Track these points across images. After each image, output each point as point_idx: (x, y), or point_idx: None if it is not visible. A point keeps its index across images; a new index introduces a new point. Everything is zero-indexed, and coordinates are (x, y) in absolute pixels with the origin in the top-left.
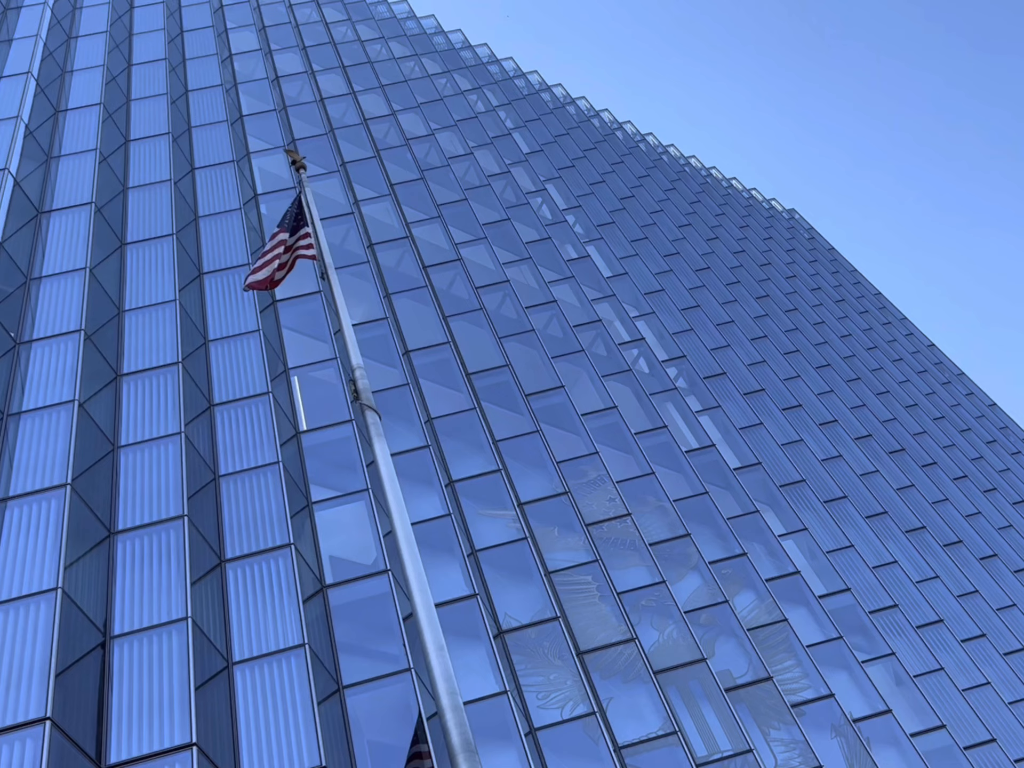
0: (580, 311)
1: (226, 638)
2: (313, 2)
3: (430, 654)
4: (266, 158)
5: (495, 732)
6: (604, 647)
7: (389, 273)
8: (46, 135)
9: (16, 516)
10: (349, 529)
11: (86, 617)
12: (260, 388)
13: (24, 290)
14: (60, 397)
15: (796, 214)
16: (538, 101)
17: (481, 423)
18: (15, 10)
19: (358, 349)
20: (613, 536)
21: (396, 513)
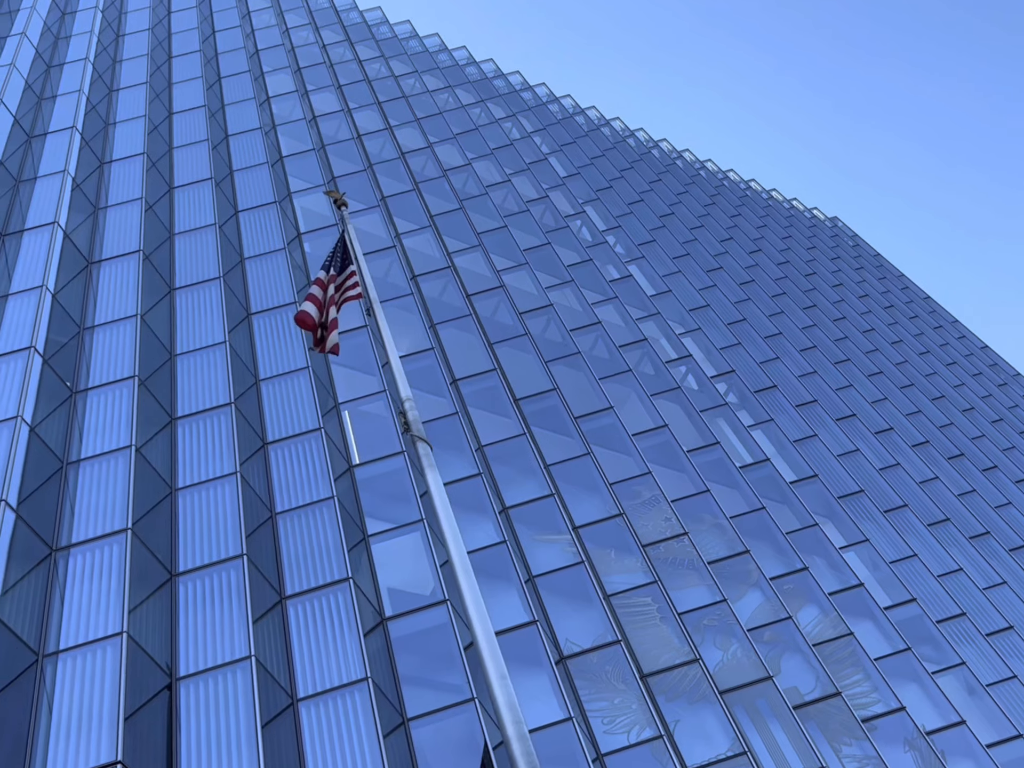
0: (625, 331)
1: (290, 675)
2: (346, 41)
3: (493, 683)
4: (307, 197)
5: (562, 760)
6: (668, 669)
7: (433, 304)
8: (93, 187)
9: (80, 563)
10: (406, 560)
11: (152, 660)
12: (312, 424)
13: (78, 340)
14: (117, 443)
15: (839, 222)
16: (572, 125)
17: (532, 448)
18: (58, 67)
19: (406, 380)
20: (671, 556)
21: (452, 542)
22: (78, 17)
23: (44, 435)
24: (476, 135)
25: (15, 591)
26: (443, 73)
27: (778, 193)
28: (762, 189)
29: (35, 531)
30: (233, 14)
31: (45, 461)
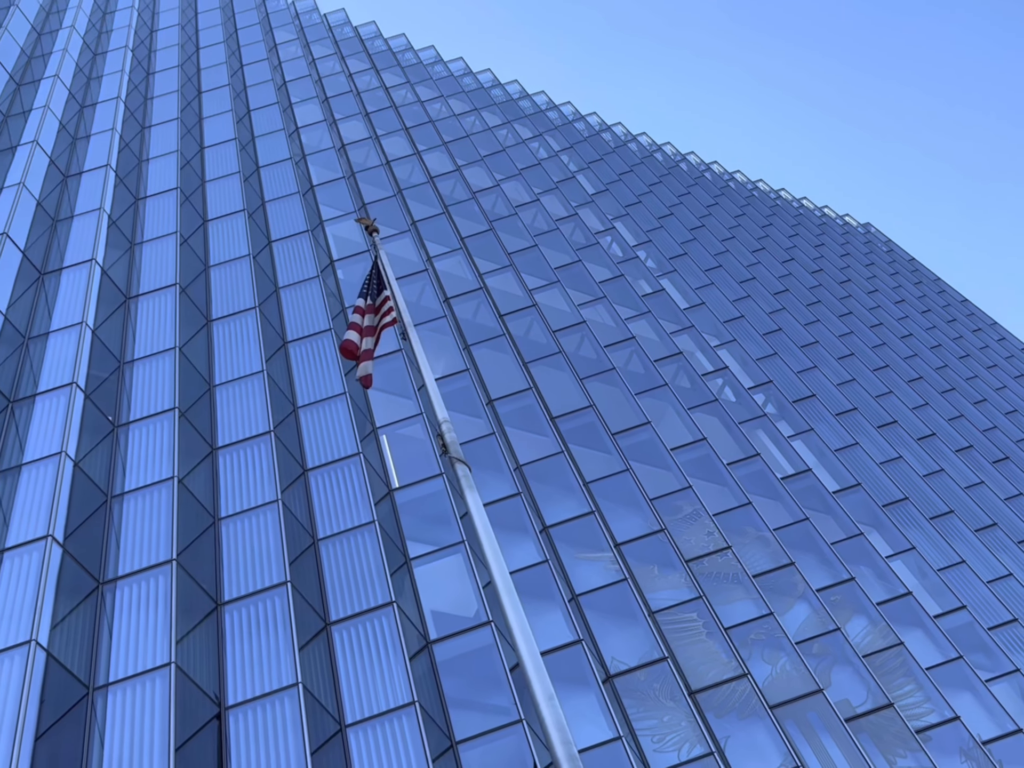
0: (660, 345)
1: (337, 701)
2: (372, 69)
3: (540, 704)
4: (339, 224)
5: None
6: (716, 685)
7: (466, 325)
8: (128, 223)
9: (127, 595)
10: (448, 583)
11: (200, 690)
12: (350, 449)
13: (118, 374)
14: (160, 475)
15: (872, 227)
16: (599, 142)
17: (570, 466)
18: (91, 107)
19: (442, 402)
20: (715, 570)
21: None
22: (109, 57)
23: (88, 469)
24: (503, 156)
25: (64, 625)
26: (468, 96)
27: (809, 201)
28: (792, 198)
29: (82, 565)
30: (260, 47)
31: (90, 495)
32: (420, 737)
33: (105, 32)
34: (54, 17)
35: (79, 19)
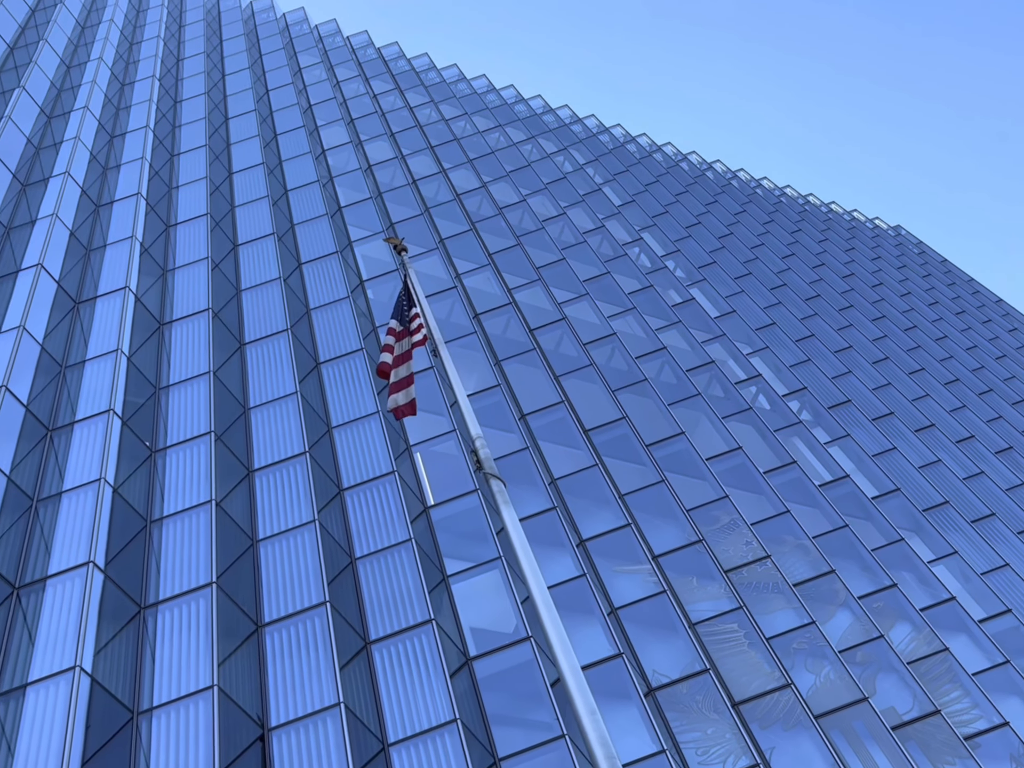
0: (691, 355)
1: (379, 720)
2: (396, 90)
3: (583, 719)
4: (367, 244)
5: None
6: (760, 695)
7: (497, 340)
8: (160, 250)
9: (168, 619)
10: (487, 599)
11: (243, 712)
12: (385, 468)
13: (154, 400)
14: (198, 499)
15: (902, 230)
16: (624, 153)
17: (605, 479)
18: (120, 137)
19: (475, 418)
20: (754, 580)
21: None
22: (136, 87)
23: (127, 495)
24: (529, 171)
25: (107, 650)
26: (492, 113)
27: (837, 205)
28: (820, 203)
29: (123, 590)
30: (285, 72)
31: (129, 520)
32: (463, 754)
33: (132, 63)
34: (82, 50)
35: (107, 51)
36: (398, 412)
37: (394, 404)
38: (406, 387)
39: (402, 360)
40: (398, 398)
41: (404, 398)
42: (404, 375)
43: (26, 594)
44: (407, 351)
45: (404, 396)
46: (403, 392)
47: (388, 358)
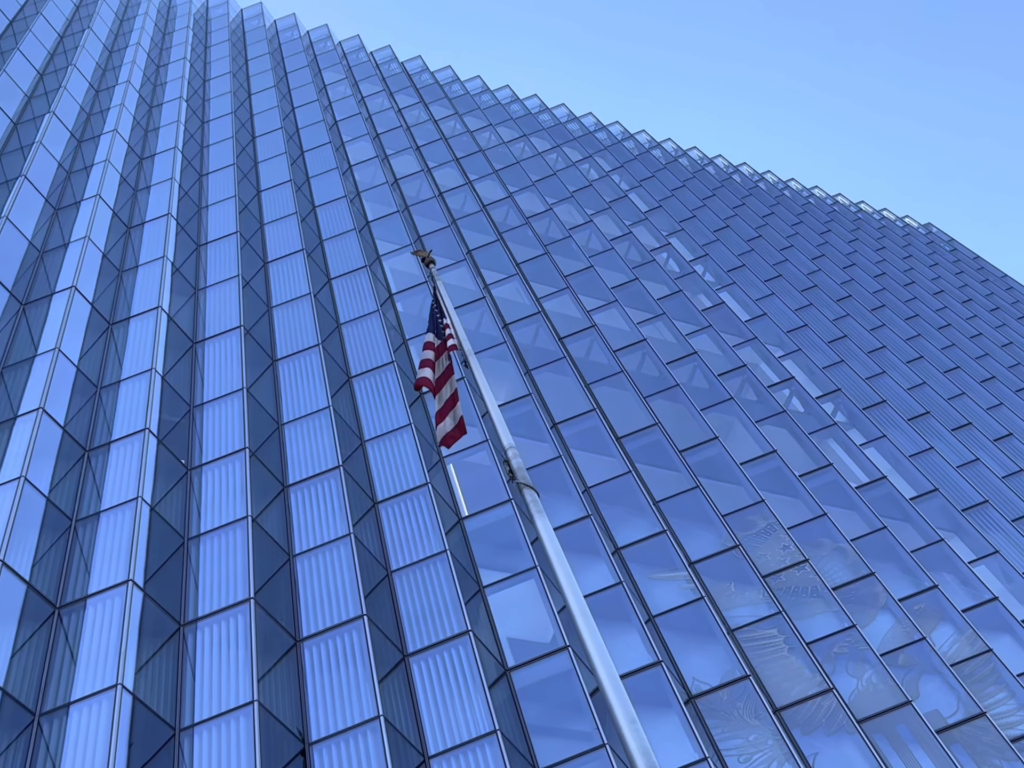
0: (723, 359)
1: (419, 732)
2: (420, 103)
3: (623, 728)
4: (396, 258)
5: None
6: (801, 701)
7: (527, 350)
8: (191, 269)
9: (207, 635)
10: (523, 609)
11: (284, 727)
12: (419, 480)
13: (189, 418)
14: (234, 515)
15: (933, 227)
16: (649, 159)
17: (639, 486)
18: (149, 159)
19: (507, 428)
20: (793, 585)
21: (567, 588)
22: (164, 109)
23: (164, 513)
24: (555, 180)
25: (148, 668)
26: (517, 123)
27: (867, 205)
28: (849, 203)
29: (162, 608)
30: (310, 89)
31: (167, 538)
32: (504, 765)
33: (160, 84)
34: (110, 73)
35: (134, 74)
36: (449, 439)
37: (443, 432)
38: (452, 408)
39: (444, 379)
40: (446, 425)
41: (452, 421)
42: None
43: (67, 613)
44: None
45: (452, 419)
46: (450, 416)
47: (429, 374)
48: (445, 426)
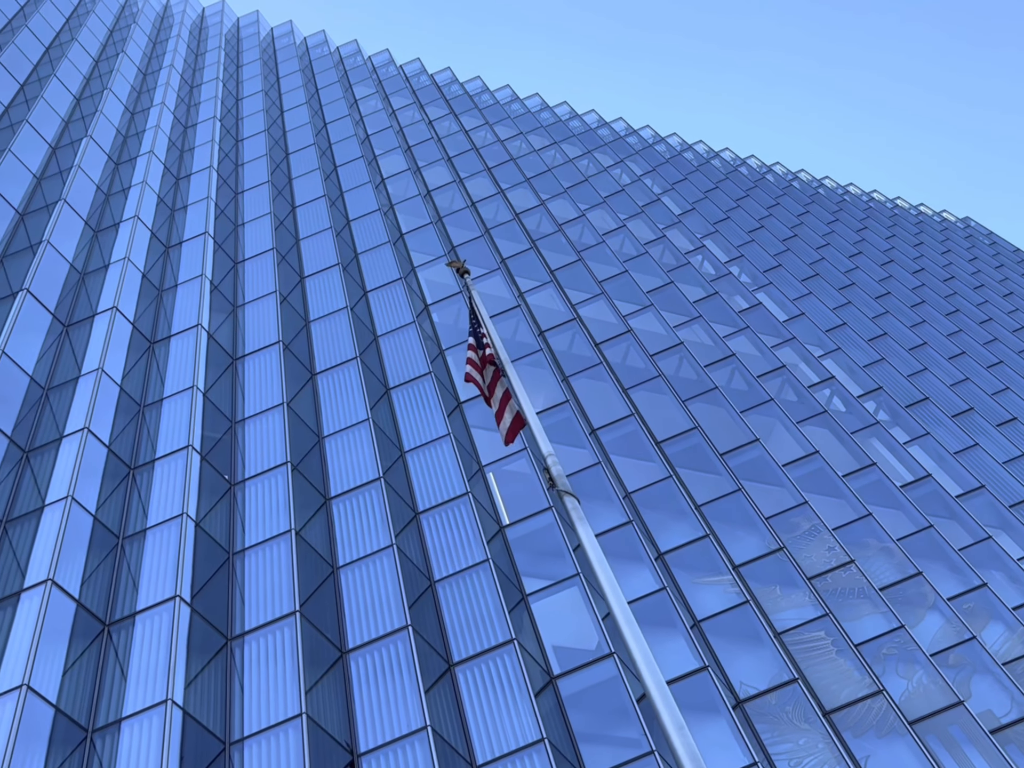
0: (761, 360)
1: (466, 741)
2: (451, 114)
3: (671, 735)
4: (430, 269)
5: None
6: (851, 703)
7: (563, 356)
8: (229, 286)
9: (254, 649)
10: (567, 616)
11: (332, 738)
12: (459, 490)
13: (231, 433)
14: (278, 529)
15: (971, 221)
16: (681, 162)
17: (680, 490)
18: (186, 178)
19: (545, 436)
20: (839, 586)
21: (611, 594)
22: (199, 129)
23: (209, 528)
24: (586, 186)
25: (197, 682)
26: (547, 131)
27: (903, 200)
28: (885, 199)
29: (210, 622)
30: (341, 104)
31: (212, 553)
32: None
33: (194, 105)
34: (145, 96)
35: (168, 95)
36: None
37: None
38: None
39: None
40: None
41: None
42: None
43: (116, 630)
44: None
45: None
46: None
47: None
48: (505, 423)
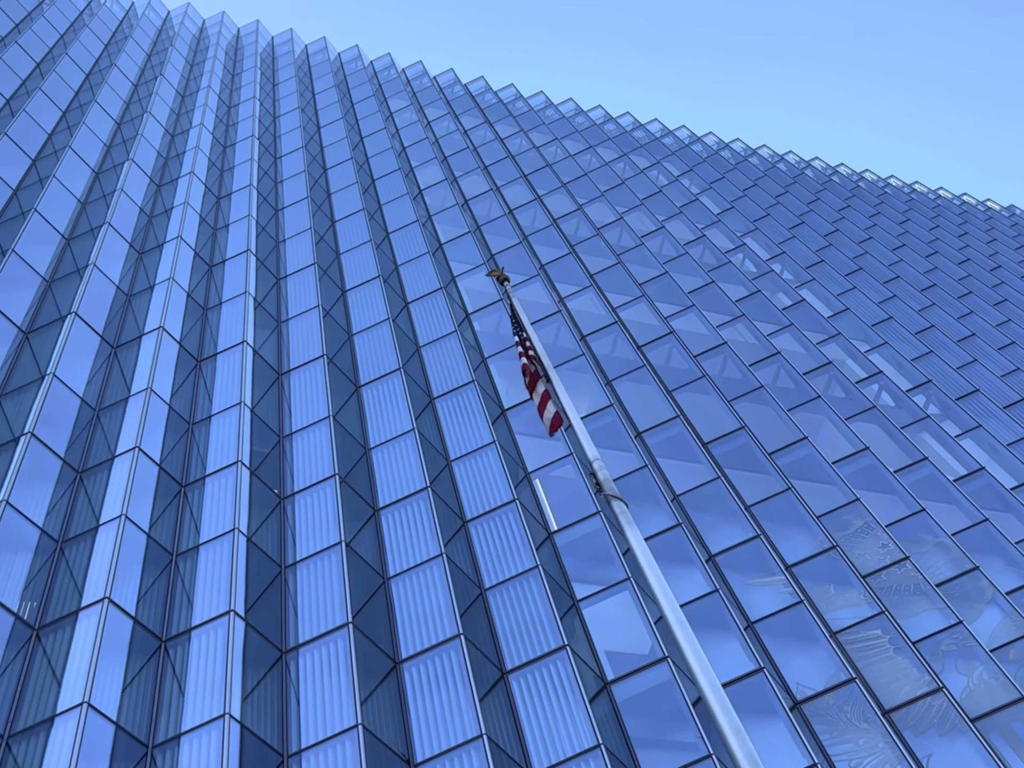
0: (807, 357)
1: (522, 749)
2: (485, 123)
3: (728, 738)
4: (470, 278)
5: None
6: (911, 702)
7: (605, 360)
8: (273, 302)
9: (309, 661)
10: (619, 621)
11: (389, 749)
12: (506, 497)
13: (279, 448)
14: (328, 541)
15: (1016, 209)
16: (718, 161)
17: (729, 491)
18: (226, 198)
19: (591, 440)
20: (894, 583)
21: (663, 598)
22: (238, 148)
23: (260, 542)
24: (624, 189)
25: (253, 696)
26: (582, 135)
27: (945, 191)
28: (928, 190)
29: (264, 636)
30: (377, 118)
31: (264, 568)
32: None
33: (232, 125)
34: (184, 118)
35: (207, 116)
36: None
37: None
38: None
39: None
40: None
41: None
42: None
43: (173, 646)
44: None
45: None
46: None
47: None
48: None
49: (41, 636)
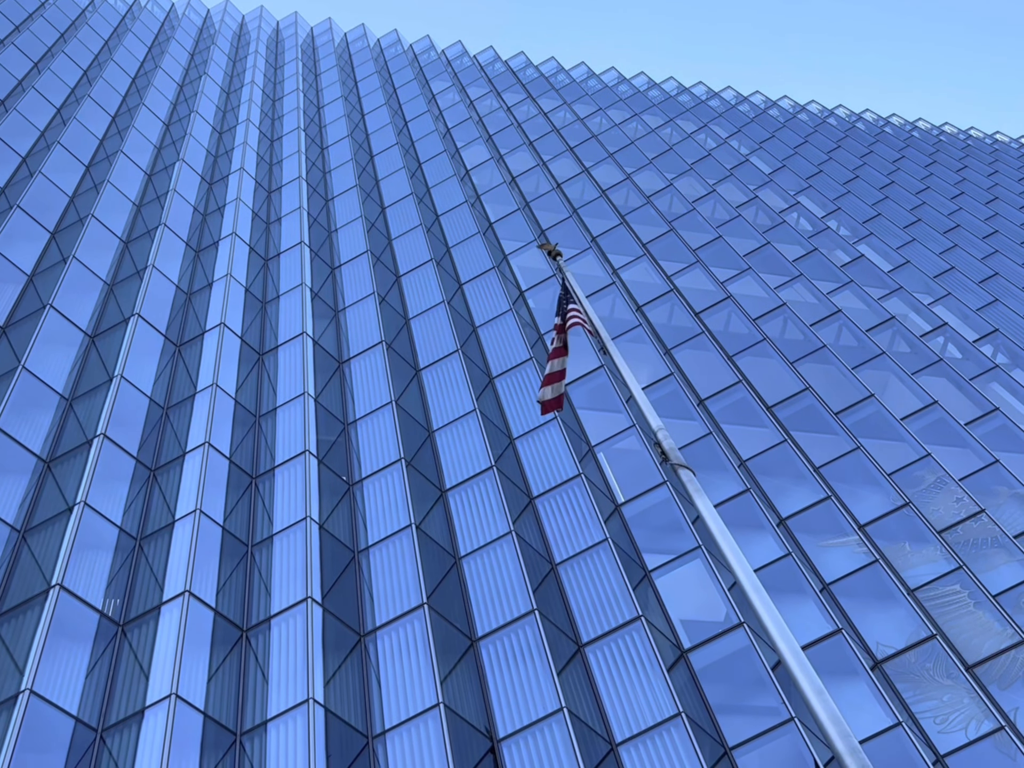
0: (869, 314)
1: (603, 721)
2: (528, 99)
3: (810, 699)
4: (522, 255)
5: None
6: (994, 656)
7: (663, 329)
8: (329, 292)
9: (387, 643)
10: (692, 589)
11: (471, 726)
12: (571, 472)
13: (344, 435)
14: (398, 524)
15: None
16: (767, 119)
17: (796, 453)
18: (277, 191)
19: (653, 410)
20: (971, 537)
21: (736, 564)
22: (285, 141)
23: (332, 529)
24: (672, 155)
25: (335, 680)
26: (626, 103)
27: (1002, 135)
28: (983, 135)
29: (342, 621)
30: (420, 101)
31: (338, 553)
32: (692, 747)
33: (277, 118)
34: (230, 115)
35: (252, 111)
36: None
37: (542, 397)
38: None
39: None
40: (546, 392)
41: (551, 393)
42: (557, 369)
43: (254, 635)
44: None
45: (552, 391)
46: (551, 387)
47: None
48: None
49: (126, 631)
